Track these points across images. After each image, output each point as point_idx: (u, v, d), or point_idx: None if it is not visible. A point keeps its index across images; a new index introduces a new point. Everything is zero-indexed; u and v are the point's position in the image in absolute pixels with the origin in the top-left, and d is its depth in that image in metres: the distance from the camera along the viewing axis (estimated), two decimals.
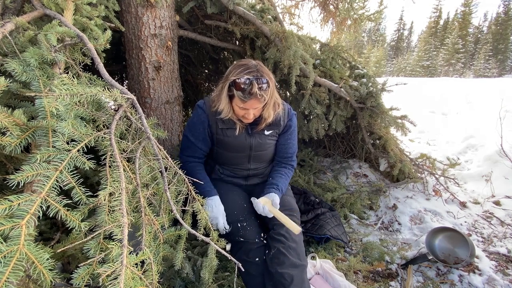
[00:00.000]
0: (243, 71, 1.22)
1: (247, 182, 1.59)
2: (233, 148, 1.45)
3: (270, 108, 1.33)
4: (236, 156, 1.49)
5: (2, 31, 0.97)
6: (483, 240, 2.03)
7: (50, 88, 0.87)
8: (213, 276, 1.24)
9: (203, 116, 1.40)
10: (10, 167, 1.07)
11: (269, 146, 1.52)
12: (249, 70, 1.22)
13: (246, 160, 1.50)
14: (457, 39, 42.23)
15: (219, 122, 1.39)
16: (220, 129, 1.41)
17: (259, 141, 1.46)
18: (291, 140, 1.57)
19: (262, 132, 1.45)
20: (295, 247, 1.26)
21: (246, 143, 1.44)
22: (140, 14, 1.84)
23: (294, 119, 1.55)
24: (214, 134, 1.43)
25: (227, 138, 1.42)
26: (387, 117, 2.35)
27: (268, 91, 1.25)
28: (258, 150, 1.48)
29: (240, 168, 1.54)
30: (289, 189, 1.65)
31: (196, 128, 1.42)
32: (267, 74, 1.26)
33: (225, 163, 1.54)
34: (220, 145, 1.46)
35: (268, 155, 1.56)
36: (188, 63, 3.20)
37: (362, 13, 2.95)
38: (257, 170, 1.57)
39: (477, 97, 7.47)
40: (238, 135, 1.41)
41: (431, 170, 2.64)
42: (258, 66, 1.26)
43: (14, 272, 0.60)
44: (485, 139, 3.80)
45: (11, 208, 0.66)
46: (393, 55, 59.04)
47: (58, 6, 1.17)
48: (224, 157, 1.50)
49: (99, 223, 0.81)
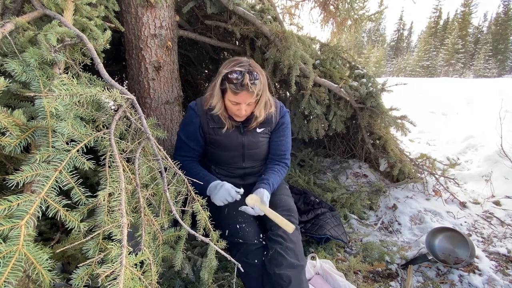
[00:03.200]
0: (235, 65, 1.24)
1: (244, 181, 1.59)
2: (226, 147, 1.46)
3: (262, 107, 1.35)
4: (230, 155, 1.49)
5: (2, 31, 0.97)
6: (483, 240, 2.03)
7: (49, 88, 0.87)
8: (213, 276, 1.24)
9: (194, 117, 1.42)
10: (10, 167, 1.07)
11: (262, 144, 1.52)
12: (241, 64, 1.25)
13: (241, 159, 1.51)
14: (457, 39, 42.26)
15: (210, 121, 1.40)
16: (212, 128, 1.42)
17: (252, 139, 1.47)
18: (284, 138, 1.57)
19: (254, 130, 1.46)
20: (293, 248, 1.26)
21: (239, 141, 1.45)
22: (140, 14, 1.84)
23: (286, 116, 1.55)
24: (206, 133, 1.44)
25: (219, 137, 1.43)
26: (387, 117, 2.35)
27: (260, 86, 1.26)
28: (251, 148, 1.49)
29: (235, 167, 1.54)
30: (287, 188, 1.64)
31: (188, 129, 1.44)
32: (259, 70, 1.27)
33: (220, 163, 1.54)
34: (213, 144, 1.47)
35: (262, 153, 1.57)
36: (188, 63, 3.20)
37: (362, 14, 2.95)
38: (253, 168, 1.57)
39: (477, 97, 7.47)
40: (230, 134, 1.42)
41: (431, 170, 2.64)
42: (250, 62, 1.29)
43: (13, 273, 0.59)
44: (485, 139, 3.79)
45: (11, 208, 0.66)
46: (393, 55, 59.06)
47: (58, 6, 1.17)
48: (219, 156, 1.51)
49: (98, 223, 0.81)
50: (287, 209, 1.42)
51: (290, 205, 1.47)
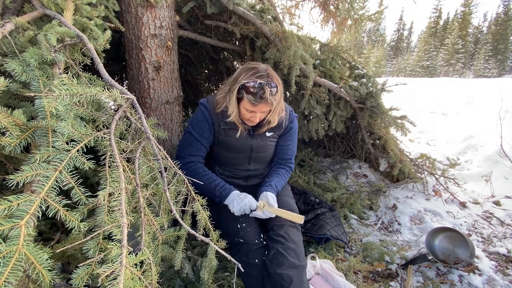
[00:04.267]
0: (253, 74, 1.24)
1: (246, 183, 1.59)
2: (234, 148, 1.46)
3: (276, 113, 1.35)
4: (237, 156, 1.49)
5: (2, 31, 0.97)
6: (483, 240, 2.03)
7: (49, 88, 0.87)
8: (213, 276, 1.24)
9: (207, 114, 1.40)
10: (10, 167, 1.07)
11: (269, 148, 1.52)
12: (260, 74, 1.24)
13: (247, 161, 1.51)
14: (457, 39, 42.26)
15: (221, 122, 1.40)
16: (223, 129, 1.41)
17: (261, 143, 1.47)
18: (291, 142, 1.57)
19: (264, 134, 1.46)
20: (294, 248, 1.26)
21: (248, 144, 1.45)
22: (140, 14, 1.84)
23: (295, 122, 1.56)
24: (217, 133, 1.43)
25: (228, 139, 1.43)
26: (387, 117, 2.35)
27: (277, 96, 1.27)
28: (259, 152, 1.49)
29: (240, 169, 1.54)
30: (289, 190, 1.65)
31: (201, 125, 1.41)
32: (276, 79, 1.28)
33: (225, 164, 1.54)
34: (221, 145, 1.46)
35: (268, 157, 1.57)
36: (188, 63, 3.20)
37: (362, 13, 2.94)
38: (257, 170, 1.57)
39: (477, 97, 7.47)
40: (240, 136, 1.42)
41: (431, 170, 2.64)
42: (268, 70, 1.28)
43: (13, 272, 0.59)
44: (485, 139, 3.79)
45: (11, 208, 0.66)
46: (393, 55, 59.05)
47: (58, 6, 1.17)
48: (225, 157, 1.51)
49: (98, 223, 0.81)
50: (289, 210, 1.42)
51: (292, 206, 1.48)
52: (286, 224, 1.34)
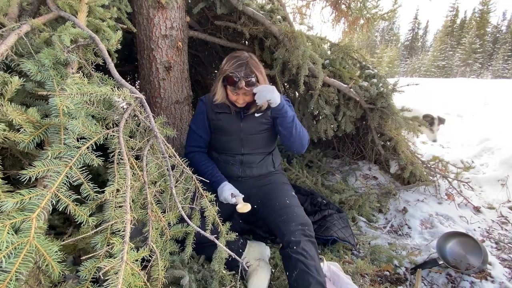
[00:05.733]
0: (234, 63, 1.36)
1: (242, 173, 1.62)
2: (226, 131, 1.57)
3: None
4: (230, 139, 1.59)
5: (18, 33, 1.01)
6: (497, 246, 1.96)
7: (62, 87, 0.90)
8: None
9: (203, 107, 1.59)
10: (25, 162, 1.11)
11: (261, 130, 1.58)
12: (239, 62, 1.35)
13: (239, 144, 1.59)
14: (474, 38, 40.92)
15: (214, 107, 1.54)
16: (215, 113, 1.55)
17: (250, 124, 1.56)
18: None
19: (253, 115, 1.55)
20: (314, 265, 1.24)
21: (238, 126, 1.55)
22: (151, 15, 1.88)
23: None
24: (211, 120, 1.57)
25: (221, 122, 1.56)
26: (398, 118, 2.31)
27: (258, 84, 1.37)
28: (250, 133, 1.57)
29: (234, 153, 1.61)
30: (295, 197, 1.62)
31: (198, 117, 1.60)
32: (256, 67, 1.38)
33: (221, 149, 1.64)
34: (216, 130, 1.59)
35: (262, 142, 1.62)
36: (198, 63, 3.23)
37: (375, 12, 2.89)
38: (251, 155, 1.62)
39: (495, 99, 7.22)
40: (231, 119, 1.54)
41: (443, 173, 2.57)
42: (249, 59, 1.38)
43: (24, 263, 0.62)
44: (502, 142, 3.66)
45: (23, 201, 0.69)
46: (407, 55, 57.76)
47: (72, 8, 1.21)
48: (220, 142, 1.62)
49: (106, 218, 0.83)
50: (301, 223, 1.38)
51: (304, 219, 1.42)
52: (302, 240, 1.30)
